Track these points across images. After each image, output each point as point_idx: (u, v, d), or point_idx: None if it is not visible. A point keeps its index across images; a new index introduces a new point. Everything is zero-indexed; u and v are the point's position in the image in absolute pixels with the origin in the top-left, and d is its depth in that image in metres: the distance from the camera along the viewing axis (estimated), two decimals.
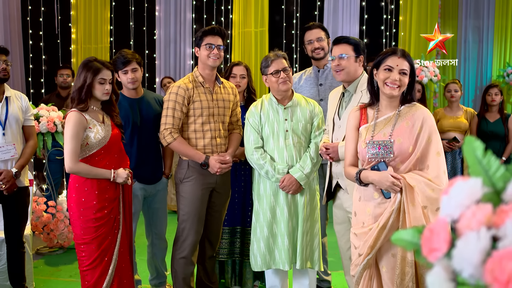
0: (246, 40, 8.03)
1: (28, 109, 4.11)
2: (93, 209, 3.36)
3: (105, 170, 3.41)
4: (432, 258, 0.90)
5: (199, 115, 3.77)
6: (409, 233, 1.01)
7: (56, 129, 5.21)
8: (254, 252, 3.74)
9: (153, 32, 8.42)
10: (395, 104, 2.87)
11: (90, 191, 3.38)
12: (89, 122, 3.38)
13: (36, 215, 5.29)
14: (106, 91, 3.46)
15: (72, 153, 3.32)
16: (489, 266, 0.79)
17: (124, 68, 3.91)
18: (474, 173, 0.96)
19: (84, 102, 3.39)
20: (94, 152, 3.41)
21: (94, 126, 3.40)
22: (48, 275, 4.91)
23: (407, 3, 7.80)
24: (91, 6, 8.33)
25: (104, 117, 3.52)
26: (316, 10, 8.08)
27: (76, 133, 3.32)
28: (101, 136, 3.41)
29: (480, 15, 8.10)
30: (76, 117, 3.34)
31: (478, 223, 0.85)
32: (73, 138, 3.31)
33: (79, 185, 3.39)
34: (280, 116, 3.66)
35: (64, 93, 6.33)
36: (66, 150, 3.33)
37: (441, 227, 0.90)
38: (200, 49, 3.80)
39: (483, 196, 0.91)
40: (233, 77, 4.33)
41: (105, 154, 3.45)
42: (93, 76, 3.39)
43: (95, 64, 3.43)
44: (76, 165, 3.33)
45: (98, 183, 3.39)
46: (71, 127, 3.33)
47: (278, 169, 3.59)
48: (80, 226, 3.38)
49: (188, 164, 3.82)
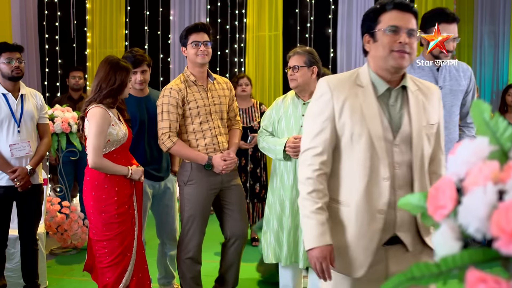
0: (260, 44, 8.04)
1: (43, 107, 4.15)
2: (114, 205, 3.39)
3: (122, 167, 3.45)
4: (438, 217, 0.89)
5: (196, 115, 3.72)
6: (415, 197, 1.00)
7: (70, 129, 5.25)
8: (268, 243, 3.72)
9: (168, 36, 8.46)
10: None
11: (110, 188, 3.41)
12: (112, 119, 3.41)
13: (50, 215, 5.32)
14: (130, 89, 3.59)
15: (98, 149, 3.34)
16: (495, 218, 0.78)
17: (134, 69, 3.86)
18: (482, 135, 0.95)
19: (114, 99, 3.45)
20: (113, 149, 3.45)
21: (116, 123, 3.43)
22: (61, 274, 4.93)
23: (422, 7, 7.75)
24: (107, 11, 8.39)
25: (119, 114, 3.57)
26: (330, 13, 8.07)
27: (101, 129, 3.34)
28: (122, 134, 3.45)
29: (496, 19, 8.04)
30: (102, 113, 3.37)
31: (484, 178, 0.84)
32: (99, 134, 3.33)
33: (98, 183, 3.41)
34: (298, 111, 3.61)
35: (75, 95, 6.37)
36: (91, 145, 3.34)
37: (447, 185, 0.89)
38: (187, 48, 3.74)
39: (490, 154, 0.89)
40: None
41: (121, 152, 3.50)
42: (128, 76, 3.47)
43: (125, 64, 3.51)
44: (101, 160, 3.36)
45: (117, 180, 3.43)
46: (97, 122, 3.34)
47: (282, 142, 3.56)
48: (101, 223, 3.40)
49: (191, 166, 3.76)
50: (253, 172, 5.75)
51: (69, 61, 8.41)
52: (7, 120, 3.88)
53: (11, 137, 3.89)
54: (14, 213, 4.04)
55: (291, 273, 3.80)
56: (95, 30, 8.45)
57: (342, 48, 8.04)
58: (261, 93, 7.82)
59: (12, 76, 3.91)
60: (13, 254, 4.26)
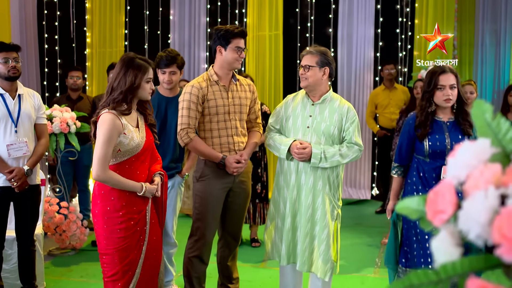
0: (260, 43, 8.00)
1: (40, 107, 4.11)
2: (118, 219, 3.09)
3: (134, 183, 3.11)
4: (438, 222, 0.85)
5: (215, 114, 3.73)
6: (414, 201, 0.96)
7: (69, 129, 5.22)
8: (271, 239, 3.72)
9: (168, 36, 8.43)
10: None
11: (116, 201, 3.10)
12: (124, 127, 3.07)
13: (48, 216, 5.28)
14: (151, 91, 3.21)
15: (102, 160, 3.00)
16: (497, 224, 0.74)
17: (164, 68, 4.08)
18: (483, 136, 0.91)
19: (128, 105, 3.11)
20: (125, 159, 3.13)
21: (129, 132, 3.09)
22: (59, 275, 4.90)
23: (423, 6, 7.71)
24: (106, 11, 8.36)
25: (139, 119, 3.25)
26: (330, 13, 8.03)
27: (109, 138, 3.01)
28: (135, 144, 3.11)
29: (497, 18, 7.99)
30: (112, 121, 3.03)
31: (486, 182, 0.80)
32: (105, 143, 3.00)
33: (105, 193, 3.11)
34: (306, 112, 3.60)
35: (74, 95, 6.32)
36: (96, 155, 3.01)
37: (447, 188, 0.85)
38: (227, 50, 3.70)
39: (492, 157, 0.86)
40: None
41: (136, 162, 3.17)
42: (142, 75, 3.11)
43: (141, 62, 3.15)
44: (105, 173, 3.02)
45: (126, 194, 3.11)
46: (105, 131, 3.01)
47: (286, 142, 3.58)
48: (103, 236, 3.12)
49: (204, 163, 3.79)
50: (254, 172, 5.71)
51: (68, 61, 8.38)
52: (4, 120, 3.85)
53: (8, 137, 3.86)
54: (11, 214, 4.01)
55: (291, 274, 3.77)
56: (95, 30, 8.41)
57: (343, 48, 8.01)
58: (261, 93, 7.78)
59: (8, 76, 3.87)
60: (11, 255, 4.23)
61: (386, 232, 6.03)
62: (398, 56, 7.87)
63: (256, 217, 5.70)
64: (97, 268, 5.06)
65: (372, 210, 7.53)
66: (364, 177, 8.14)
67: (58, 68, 8.44)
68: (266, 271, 5.02)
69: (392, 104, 6.98)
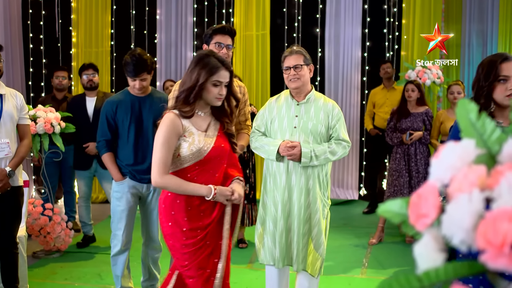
0: (247, 43, 7.97)
1: (23, 108, 4.04)
2: (182, 235, 2.80)
3: (200, 186, 2.78)
4: (420, 226, 0.82)
5: None
6: (397, 204, 0.92)
7: (53, 130, 5.15)
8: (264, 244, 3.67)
9: (154, 36, 8.36)
10: None
11: (178, 215, 2.81)
12: (185, 129, 2.78)
13: (32, 217, 5.21)
14: (220, 96, 2.83)
15: (160, 163, 2.73)
16: (482, 229, 0.71)
17: (133, 77, 3.90)
18: (468, 137, 0.88)
19: (191, 106, 2.79)
20: (187, 166, 2.80)
21: (190, 135, 2.79)
22: (43, 278, 4.83)
23: (410, 6, 7.72)
24: (92, 10, 8.27)
25: (210, 125, 2.90)
26: (318, 13, 8.01)
27: (167, 139, 2.74)
28: (195, 149, 2.77)
29: (484, 18, 8.01)
30: (171, 121, 2.76)
31: (470, 185, 0.77)
32: (163, 145, 2.73)
33: (166, 207, 2.85)
34: (292, 112, 3.58)
35: (60, 95, 6.24)
36: (153, 158, 2.76)
37: (430, 191, 0.81)
38: (209, 47, 3.69)
39: (477, 158, 0.82)
40: None
41: (200, 172, 2.82)
42: (207, 76, 2.76)
43: (212, 60, 2.80)
44: (162, 178, 2.74)
45: (188, 208, 2.80)
46: (162, 131, 2.75)
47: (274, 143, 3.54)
48: (172, 252, 2.89)
49: None
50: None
51: (53, 60, 8.29)
52: None
53: None
54: None
55: (278, 275, 3.74)
56: (80, 29, 8.33)
57: (330, 48, 7.99)
58: (248, 93, 7.73)
59: None
60: None
61: (373, 233, 6.02)
62: (386, 56, 7.87)
63: (244, 218, 5.67)
64: (82, 270, 5.01)
65: (359, 210, 7.52)
66: (351, 178, 8.12)
67: (43, 68, 8.35)
68: (252, 272, 4.99)
69: (387, 104, 6.96)
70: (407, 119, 5.78)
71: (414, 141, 5.70)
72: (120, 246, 4.07)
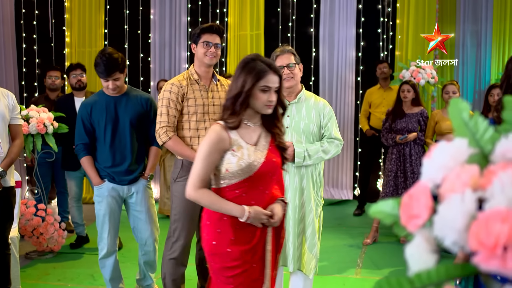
0: (241, 43, 7.95)
1: (15, 108, 4.01)
2: (226, 256, 2.56)
3: (233, 205, 2.52)
4: (412, 227, 0.80)
5: (193, 113, 3.68)
6: (388, 205, 0.91)
7: (46, 130, 5.12)
8: None
9: (148, 36, 8.33)
10: None
11: (224, 234, 2.56)
12: (232, 143, 2.53)
13: (25, 218, 5.18)
14: (269, 103, 2.55)
15: (196, 176, 2.53)
16: (474, 230, 0.69)
17: (105, 78, 3.81)
18: (460, 136, 0.86)
19: (237, 116, 2.54)
20: (236, 183, 2.55)
21: (239, 148, 2.53)
22: (36, 279, 4.80)
23: (404, 6, 7.71)
24: (86, 9, 8.23)
25: (261, 138, 2.65)
26: (312, 13, 8.00)
27: (208, 153, 2.51)
28: (244, 164, 2.52)
29: (478, 19, 8.02)
30: (216, 134, 2.53)
31: (462, 185, 0.76)
32: (203, 159, 2.52)
33: (211, 223, 2.62)
34: None
35: (52, 95, 6.20)
36: (192, 169, 2.56)
37: (422, 191, 0.80)
38: (197, 46, 3.70)
39: (469, 158, 0.81)
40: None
41: (251, 189, 2.56)
42: (254, 81, 2.51)
43: (258, 64, 2.55)
44: (196, 191, 2.53)
45: (236, 226, 2.56)
46: (205, 145, 2.52)
47: None
48: (212, 274, 2.66)
49: (182, 163, 3.72)
50: None
51: (47, 60, 8.26)
52: None
53: None
54: None
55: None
56: (74, 29, 8.29)
57: (325, 47, 7.98)
58: None
59: None
60: None
61: (368, 233, 6.01)
62: (380, 56, 7.86)
63: None
64: (75, 271, 4.98)
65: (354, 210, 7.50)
66: (346, 178, 8.11)
67: (36, 68, 8.31)
68: None
69: (384, 104, 6.95)
70: (402, 120, 5.78)
71: (408, 141, 5.69)
72: (106, 249, 4.02)
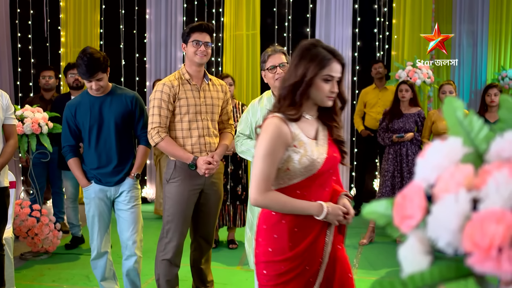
0: (237, 43, 7.94)
1: (8, 108, 3.98)
2: (282, 264, 2.30)
3: (309, 204, 2.26)
4: (405, 228, 0.79)
5: (186, 113, 3.65)
6: (382, 205, 0.89)
7: (41, 130, 5.09)
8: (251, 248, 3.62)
9: (144, 35, 8.30)
10: None
11: (281, 240, 2.30)
12: (294, 138, 2.26)
13: (20, 219, 5.15)
14: (331, 95, 2.32)
15: (261, 179, 2.22)
16: (468, 231, 0.68)
17: (87, 78, 3.71)
18: (454, 135, 0.85)
19: (297, 107, 2.28)
20: (296, 182, 2.29)
21: (301, 144, 2.26)
22: (30, 280, 4.77)
23: (401, 6, 7.71)
24: (81, 9, 8.20)
25: (319, 132, 2.39)
26: (308, 12, 7.98)
27: (271, 150, 2.21)
28: (308, 161, 2.25)
29: (474, 19, 8.02)
30: (277, 128, 2.24)
31: (457, 185, 0.74)
32: (266, 157, 2.21)
33: (267, 228, 2.34)
34: None
35: (47, 95, 6.18)
36: (253, 172, 2.26)
37: (415, 192, 0.78)
38: (187, 46, 3.68)
39: (464, 157, 0.79)
40: None
41: (311, 187, 2.32)
42: (317, 70, 2.25)
43: (321, 51, 2.28)
44: (265, 195, 2.23)
45: (295, 224, 2.30)
46: (265, 140, 2.23)
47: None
48: (260, 284, 2.40)
49: (175, 164, 3.70)
50: (234, 174, 5.65)
51: (42, 60, 8.23)
52: None
53: None
54: None
55: None
56: (69, 29, 8.26)
57: None
58: (239, 93, 7.71)
59: None
60: None
61: (364, 233, 5.99)
62: (376, 56, 7.86)
63: (236, 219, 5.64)
64: (70, 272, 4.96)
65: None
66: (342, 178, 8.09)
67: (31, 68, 8.28)
68: (242, 273, 4.96)
69: (379, 104, 6.94)
70: (400, 120, 5.76)
71: (405, 141, 5.68)
72: (97, 251, 3.95)
